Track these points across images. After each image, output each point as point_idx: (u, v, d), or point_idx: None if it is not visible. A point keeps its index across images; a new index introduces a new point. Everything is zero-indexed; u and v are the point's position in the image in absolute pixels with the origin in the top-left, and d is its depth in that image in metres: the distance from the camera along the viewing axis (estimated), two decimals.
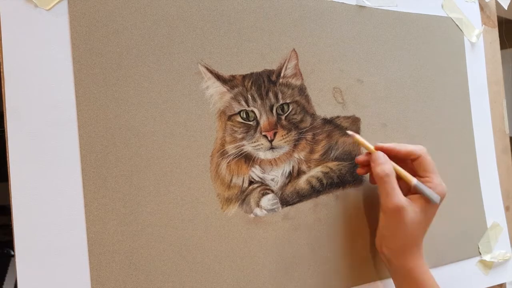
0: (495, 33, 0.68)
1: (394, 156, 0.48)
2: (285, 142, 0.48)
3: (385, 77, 0.56)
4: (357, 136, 0.48)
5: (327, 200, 0.50)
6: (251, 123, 0.46)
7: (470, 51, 0.64)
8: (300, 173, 0.49)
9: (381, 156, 0.47)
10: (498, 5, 0.69)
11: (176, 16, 0.43)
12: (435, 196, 0.46)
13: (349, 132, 0.49)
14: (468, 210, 0.61)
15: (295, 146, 0.49)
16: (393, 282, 0.50)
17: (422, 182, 0.47)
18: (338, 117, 0.52)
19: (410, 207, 0.46)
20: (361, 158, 0.49)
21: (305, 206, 0.49)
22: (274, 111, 0.47)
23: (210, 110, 0.45)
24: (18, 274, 0.36)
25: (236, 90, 0.46)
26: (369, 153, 0.48)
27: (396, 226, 0.46)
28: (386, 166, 0.46)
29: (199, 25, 0.45)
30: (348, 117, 0.52)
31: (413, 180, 0.47)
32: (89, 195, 0.39)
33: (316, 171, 0.50)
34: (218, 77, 0.45)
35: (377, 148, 0.48)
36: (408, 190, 0.48)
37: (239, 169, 0.46)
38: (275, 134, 0.47)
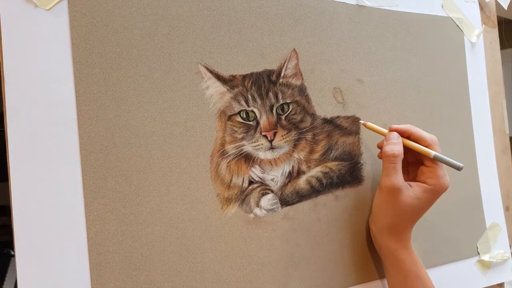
0: (495, 33, 0.69)
1: (408, 138, 0.49)
2: (285, 142, 0.48)
3: (385, 77, 0.56)
4: (370, 124, 0.50)
5: (327, 200, 0.50)
6: (251, 123, 0.46)
7: (470, 51, 0.64)
8: (300, 173, 0.49)
9: (395, 137, 0.48)
10: (498, 5, 0.69)
11: (176, 16, 0.43)
12: (456, 163, 0.47)
13: (361, 121, 0.50)
14: (467, 210, 0.61)
15: (295, 146, 0.49)
16: None
17: (426, 171, 0.48)
18: (338, 117, 0.52)
19: (406, 190, 0.47)
20: (381, 142, 0.50)
21: (305, 206, 0.49)
22: (274, 111, 0.47)
23: (210, 110, 0.45)
24: (18, 274, 0.36)
25: (236, 90, 0.46)
26: None
27: (387, 204, 0.47)
28: (395, 147, 0.47)
29: (199, 25, 0.45)
30: (348, 117, 0.52)
31: (432, 152, 0.47)
32: (89, 195, 0.39)
33: (316, 171, 0.50)
34: (218, 77, 0.45)
35: (392, 129, 0.48)
36: (413, 177, 0.49)
37: (239, 169, 0.46)
38: (275, 134, 0.47)
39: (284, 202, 0.48)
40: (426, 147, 0.48)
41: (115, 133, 0.40)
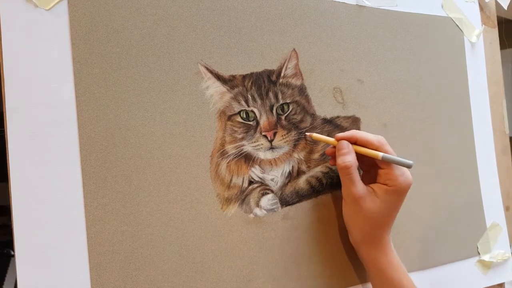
0: (495, 33, 0.68)
1: (355, 143, 0.47)
2: (285, 142, 0.48)
3: (385, 77, 0.56)
4: (315, 134, 0.48)
5: (327, 200, 0.50)
6: (251, 123, 0.46)
7: (470, 51, 0.64)
8: (300, 173, 0.49)
9: (344, 146, 0.46)
10: (498, 5, 0.69)
11: (176, 16, 0.43)
12: (406, 161, 0.45)
13: (306, 133, 0.48)
14: (467, 210, 0.61)
15: (295, 146, 0.49)
16: None
17: (382, 174, 0.46)
18: (338, 117, 0.52)
19: (369, 197, 0.46)
20: (330, 149, 0.48)
21: (305, 206, 0.49)
22: (274, 111, 0.47)
23: (210, 110, 0.45)
24: (18, 274, 0.36)
25: (236, 90, 0.46)
26: None
27: (354, 215, 0.47)
28: (347, 157, 0.45)
29: (199, 25, 0.45)
30: (348, 117, 0.52)
31: (380, 154, 0.46)
32: (89, 195, 0.39)
33: (316, 171, 0.50)
34: (218, 77, 0.45)
35: (339, 139, 0.47)
36: (373, 179, 0.48)
37: (239, 169, 0.46)
38: (275, 134, 0.47)
39: (284, 202, 0.48)
40: (375, 149, 0.46)
41: (115, 133, 0.40)
